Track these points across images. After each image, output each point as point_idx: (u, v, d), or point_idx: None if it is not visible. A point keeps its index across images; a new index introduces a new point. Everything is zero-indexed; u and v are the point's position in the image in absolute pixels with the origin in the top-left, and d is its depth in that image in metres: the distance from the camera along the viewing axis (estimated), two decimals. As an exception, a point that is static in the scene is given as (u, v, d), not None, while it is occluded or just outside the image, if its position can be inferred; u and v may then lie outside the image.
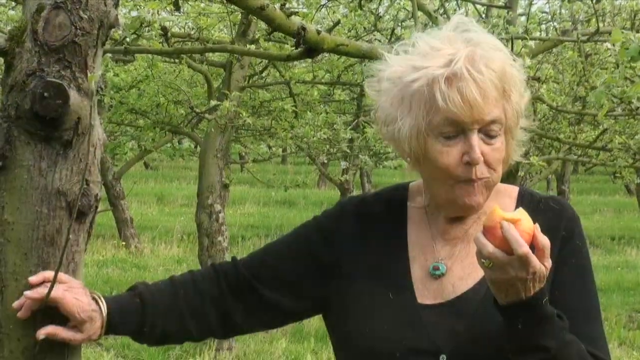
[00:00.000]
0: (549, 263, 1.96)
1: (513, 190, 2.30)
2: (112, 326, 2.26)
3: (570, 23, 7.67)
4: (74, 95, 2.16)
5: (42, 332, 2.17)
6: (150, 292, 2.34)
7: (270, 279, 2.32)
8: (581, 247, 2.21)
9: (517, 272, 1.92)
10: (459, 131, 2.11)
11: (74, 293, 2.20)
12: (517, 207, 2.16)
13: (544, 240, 1.95)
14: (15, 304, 2.18)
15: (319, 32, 3.05)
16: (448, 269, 2.19)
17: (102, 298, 2.26)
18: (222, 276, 2.35)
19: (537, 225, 1.95)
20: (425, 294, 2.19)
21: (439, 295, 2.18)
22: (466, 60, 2.07)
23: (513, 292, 1.96)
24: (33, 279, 2.17)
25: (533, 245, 1.94)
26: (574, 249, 2.19)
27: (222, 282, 2.34)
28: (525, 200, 2.24)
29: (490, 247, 1.93)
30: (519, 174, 9.90)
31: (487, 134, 2.11)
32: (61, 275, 2.17)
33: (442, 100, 2.07)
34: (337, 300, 2.27)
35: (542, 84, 6.82)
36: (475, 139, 2.10)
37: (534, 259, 1.92)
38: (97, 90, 2.26)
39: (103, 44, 2.25)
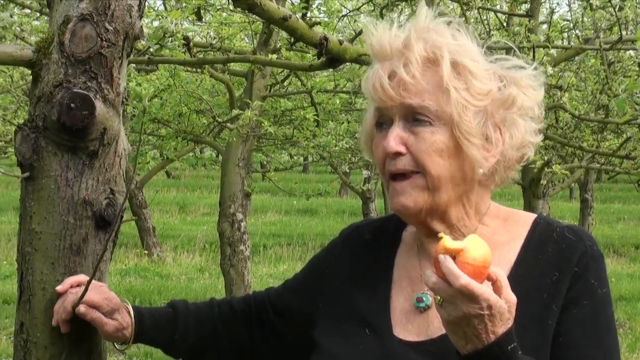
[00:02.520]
0: (511, 297, 1.73)
1: (529, 219, 2.05)
2: (143, 330, 2.26)
3: (593, 31, 7.64)
4: (99, 106, 2.18)
5: (81, 308, 2.16)
6: (185, 304, 2.35)
7: (286, 314, 2.28)
8: (596, 287, 1.93)
9: (467, 307, 1.69)
10: (387, 120, 1.98)
11: (99, 291, 2.22)
12: (528, 236, 1.99)
13: (496, 271, 1.73)
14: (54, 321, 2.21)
15: (341, 42, 3.07)
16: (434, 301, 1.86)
17: (130, 305, 2.28)
18: (253, 311, 2.34)
19: (485, 253, 1.72)
20: (409, 329, 2.00)
21: (422, 332, 1.99)
22: (400, 46, 1.95)
23: (472, 335, 1.71)
24: (60, 287, 2.19)
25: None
26: (586, 288, 1.92)
27: (252, 319, 2.32)
28: (539, 229, 2.01)
29: (433, 278, 1.72)
30: (541, 182, 9.86)
31: (416, 122, 1.94)
32: (83, 279, 2.19)
33: (364, 83, 2.00)
34: (317, 339, 2.12)
35: (564, 92, 6.79)
36: (396, 127, 1.95)
37: (481, 290, 1.68)
38: (122, 101, 2.28)
39: (128, 55, 2.28)
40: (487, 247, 1.73)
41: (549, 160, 8.47)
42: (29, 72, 2.32)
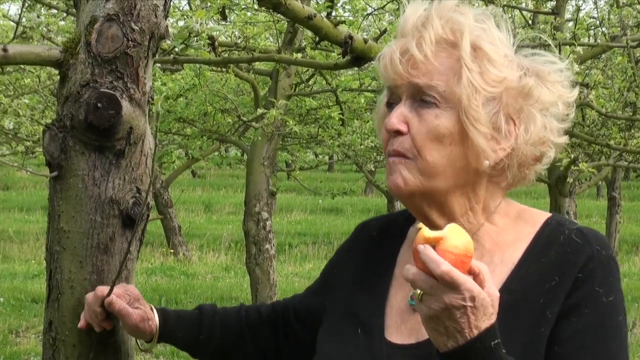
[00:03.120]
0: (494, 291, 1.64)
1: (540, 218, 1.93)
2: (168, 328, 2.25)
3: (620, 28, 7.60)
4: (126, 105, 2.20)
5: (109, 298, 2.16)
6: (212, 307, 2.34)
7: (307, 319, 2.22)
8: (601, 295, 1.79)
9: (449, 297, 1.59)
10: (397, 100, 1.89)
11: (119, 286, 2.22)
12: (536, 237, 1.88)
13: (479, 264, 1.63)
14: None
15: (365, 41, 3.07)
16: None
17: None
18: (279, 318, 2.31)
19: (466, 242, 1.63)
20: (402, 330, 1.92)
21: (414, 334, 1.89)
22: (419, 23, 1.87)
23: (454, 330, 1.61)
24: (90, 300, 2.20)
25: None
26: (590, 296, 1.78)
27: (278, 324, 2.30)
28: (548, 230, 1.89)
29: (412, 270, 1.63)
30: (567, 180, 9.81)
31: (422, 103, 1.86)
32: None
33: (377, 61, 1.93)
34: (318, 339, 2.08)
35: (591, 90, 6.76)
36: (402, 106, 1.87)
37: (463, 279, 1.59)
38: (148, 101, 2.29)
39: (154, 55, 2.29)
40: (468, 237, 1.64)
41: (575, 158, 8.42)
42: (56, 72, 2.33)
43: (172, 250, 14.61)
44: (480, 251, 1.88)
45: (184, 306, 10.91)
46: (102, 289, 2.18)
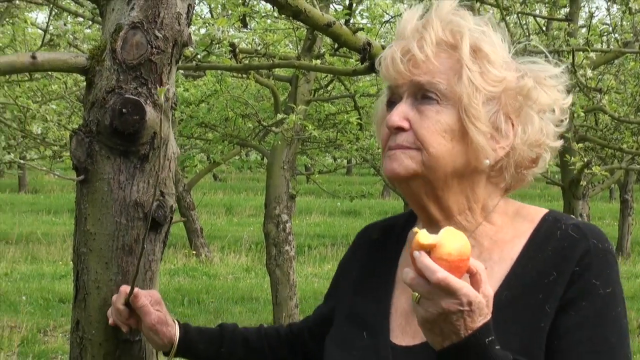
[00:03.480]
0: (489, 291, 1.63)
1: (537, 214, 1.91)
2: (188, 340, 2.23)
3: (632, 35, 7.57)
4: (150, 111, 2.20)
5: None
6: (233, 325, 2.32)
7: (320, 334, 2.15)
8: (599, 288, 1.76)
9: (446, 302, 1.58)
10: (397, 99, 1.88)
11: (146, 291, 2.22)
12: (533, 233, 1.87)
13: (476, 265, 1.62)
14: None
15: (383, 47, 3.06)
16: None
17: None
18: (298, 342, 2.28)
19: (461, 247, 1.60)
20: (407, 331, 1.90)
21: (418, 335, 1.81)
22: (419, 25, 1.87)
23: (450, 332, 1.61)
24: (114, 299, 2.21)
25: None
26: (587, 289, 1.76)
27: (296, 343, 2.27)
28: (545, 226, 1.87)
29: (410, 274, 1.61)
30: (581, 183, 9.79)
31: (423, 99, 1.84)
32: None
33: (378, 62, 1.92)
34: (325, 344, 2.06)
35: (604, 95, 6.73)
36: (403, 104, 1.85)
37: (459, 285, 1.57)
38: (172, 106, 2.30)
39: (177, 62, 2.29)
40: (464, 239, 1.61)
41: (588, 162, 8.38)
42: (82, 78, 2.34)
43: (194, 252, 14.65)
44: (478, 249, 1.87)
45: (205, 306, 10.94)
46: (126, 288, 2.18)
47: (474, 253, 1.77)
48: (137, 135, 2.20)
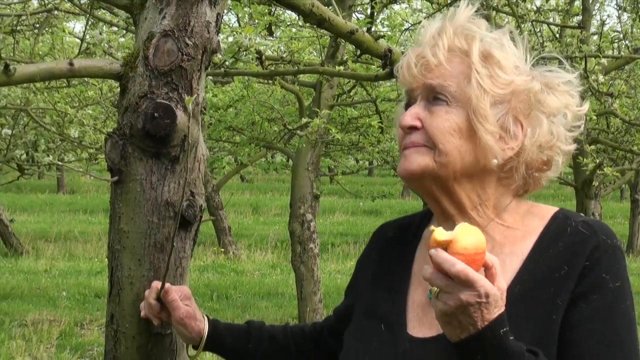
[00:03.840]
0: (503, 285, 1.63)
1: (548, 212, 1.91)
2: (217, 334, 2.22)
3: (642, 41, 7.54)
4: (180, 115, 2.20)
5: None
6: (260, 322, 2.32)
7: (340, 331, 2.14)
8: (608, 282, 1.76)
9: (466, 295, 1.58)
10: (413, 102, 1.90)
11: (176, 286, 2.22)
12: (544, 230, 1.86)
13: (491, 258, 1.62)
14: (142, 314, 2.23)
15: (403, 54, 3.06)
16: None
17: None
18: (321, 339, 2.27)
19: (476, 241, 1.60)
20: (424, 322, 1.89)
21: (434, 326, 1.81)
22: (434, 33, 1.89)
23: (468, 324, 1.61)
24: (146, 294, 2.21)
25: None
26: (597, 283, 1.75)
27: (321, 343, 2.26)
28: (555, 223, 1.86)
29: (429, 269, 1.62)
30: (593, 183, 9.75)
31: (434, 100, 1.86)
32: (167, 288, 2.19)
33: (395, 70, 1.96)
34: (344, 338, 2.06)
35: (615, 99, 6.69)
36: (416, 105, 1.88)
37: (477, 277, 1.58)
38: (201, 110, 2.30)
39: (206, 68, 2.29)
40: (479, 233, 1.61)
41: (600, 163, 8.35)
42: (117, 84, 2.35)
43: (222, 249, 14.67)
44: (490, 243, 1.84)
45: (233, 301, 10.96)
46: (157, 283, 2.18)
47: (487, 247, 1.75)
48: (168, 138, 2.20)
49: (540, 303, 1.77)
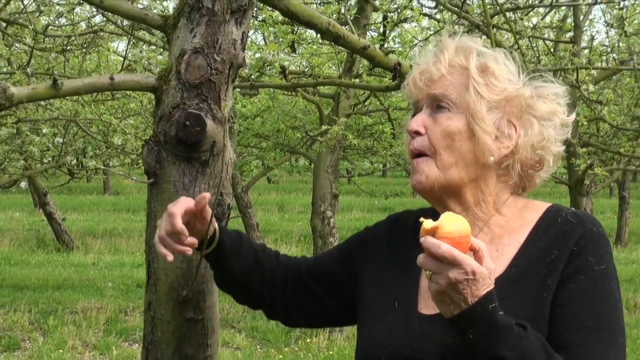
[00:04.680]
0: (491, 265, 1.64)
1: (543, 207, 1.93)
2: (221, 232, 2.09)
3: (627, 54, 7.49)
4: (209, 123, 2.20)
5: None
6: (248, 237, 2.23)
7: (322, 277, 2.15)
8: (594, 264, 1.78)
9: (454, 273, 1.59)
10: (419, 110, 1.94)
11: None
12: (538, 221, 1.88)
13: (478, 243, 1.64)
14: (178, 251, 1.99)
15: (411, 67, 3.04)
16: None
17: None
18: (292, 268, 2.20)
19: (460, 226, 1.62)
20: (430, 304, 1.86)
21: None
22: (433, 51, 1.95)
23: (459, 300, 1.62)
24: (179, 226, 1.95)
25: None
26: (583, 265, 1.77)
27: (290, 274, 2.18)
28: (548, 215, 1.89)
29: (421, 256, 1.64)
30: (585, 182, 9.71)
31: (437, 108, 1.90)
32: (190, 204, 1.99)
33: (402, 87, 2.00)
34: (358, 308, 2.05)
35: (604, 106, 6.65)
36: (421, 113, 1.92)
37: (462, 256, 1.59)
38: (229, 119, 2.30)
39: (233, 81, 2.29)
40: (462, 220, 1.63)
41: (591, 164, 8.31)
42: (152, 96, 2.35)
43: (252, 244, 14.68)
44: (491, 235, 1.90)
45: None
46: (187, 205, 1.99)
47: (487, 238, 1.87)
48: (199, 144, 2.20)
49: (533, 283, 1.79)
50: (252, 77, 4.70)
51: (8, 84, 2.19)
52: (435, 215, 2.03)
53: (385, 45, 7.46)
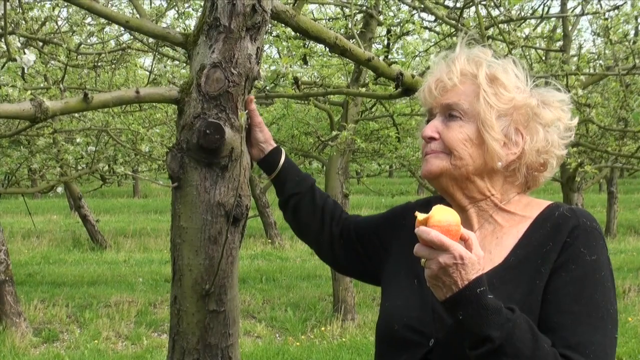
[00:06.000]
0: (479, 252, 1.63)
1: (545, 203, 1.92)
2: (285, 163, 2.38)
3: (613, 61, 7.45)
4: (228, 131, 2.21)
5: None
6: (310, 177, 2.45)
7: (364, 236, 2.21)
8: (585, 255, 1.76)
9: (444, 258, 1.60)
10: (432, 117, 1.96)
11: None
12: (538, 216, 1.87)
13: (467, 233, 1.63)
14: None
15: (413, 76, 3.03)
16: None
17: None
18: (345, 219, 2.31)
19: (449, 217, 1.62)
20: None
21: None
22: (446, 63, 1.95)
23: (450, 283, 1.62)
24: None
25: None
26: (575, 255, 1.76)
27: (339, 222, 2.31)
28: (547, 211, 1.88)
29: (416, 246, 1.64)
30: (576, 179, 9.67)
31: (449, 117, 1.90)
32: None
33: (418, 93, 2.00)
34: (382, 277, 2.09)
35: (592, 109, 6.63)
36: (435, 120, 1.92)
37: (450, 242, 1.59)
38: (246, 126, 2.30)
39: (249, 92, 2.29)
40: (451, 211, 1.63)
41: (581, 162, 8.29)
42: (175, 107, 2.35)
43: (269, 240, 14.70)
44: (494, 226, 1.91)
45: (279, 282, 10.97)
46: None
47: (490, 228, 1.90)
48: (218, 151, 2.21)
49: (529, 271, 1.79)
50: (267, 88, 4.70)
51: (44, 98, 2.20)
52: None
53: (390, 57, 7.45)
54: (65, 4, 7.35)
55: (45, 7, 7.62)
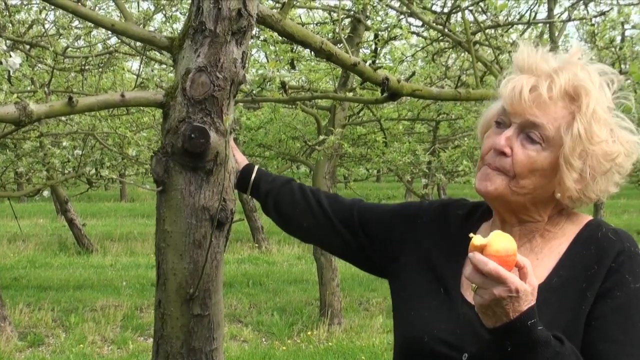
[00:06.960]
0: (534, 282, 1.59)
1: (583, 220, 1.87)
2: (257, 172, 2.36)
3: (599, 66, 7.50)
4: (213, 135, 2.21)
5: None
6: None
7: (368, 225, 2.14)
8: (630, 282, 1.72)
9: (498, 290, 1.55)
10: (506, 122, 1.81)
11: None
12: (578, 234, 1.83)
13: (523, 260, 1.58)
14: None
15: (399, 81, 3.04)
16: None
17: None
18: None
19: (507, 245, 1.57)
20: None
21: None
22: (548, 68, 1.79)
23: (501, 314, 1.58)
24: None
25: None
26: (620, 282, 1.72)
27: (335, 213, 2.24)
28: (588, 229, 1.84)
29: (468, 269, 1.59)
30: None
31: (527, 138, 1.77)
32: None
33: (504, 84, 1.82)
34: (393, 280, 2.03)
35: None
36: (510, 131, 1.78)
37: (507, 275, 1.54)
38: (232, 130, 2.30)
39: (234, 96, 2.29)
40: (509, 238, 1.57)
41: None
42: (160, 111, 2.35)
43: (256, 245, 14.68)
44: (533, 243, 1.86)
45: (266, 287, 10.95)
46: None
47: (530, 246, 1.83)
48: (203, 155, 2.21)
49: (574, 294, 1.75)
50: (254, 92, 4.70)
51: (30, 101, 2.19)
52: (487, 212, 2.00)
53: (377, 62, 7.46)
54: (52, 8, 7.34)
55: (32, 10, 7.60)
